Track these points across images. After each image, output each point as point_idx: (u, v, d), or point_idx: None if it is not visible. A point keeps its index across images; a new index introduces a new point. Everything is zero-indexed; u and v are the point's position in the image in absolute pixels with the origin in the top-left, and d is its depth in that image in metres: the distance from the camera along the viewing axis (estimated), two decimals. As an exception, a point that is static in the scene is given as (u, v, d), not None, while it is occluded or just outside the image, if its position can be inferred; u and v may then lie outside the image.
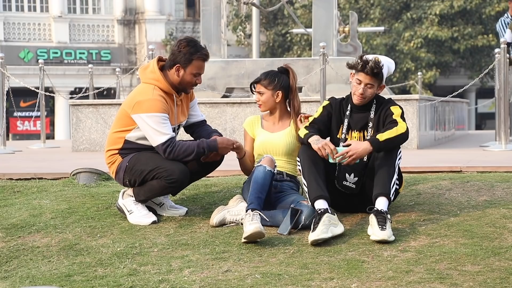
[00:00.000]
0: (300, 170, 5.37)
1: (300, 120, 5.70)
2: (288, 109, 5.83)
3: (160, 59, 5.64)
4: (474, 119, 35.02)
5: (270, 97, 5.76)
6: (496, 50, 11.09)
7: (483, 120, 36.58)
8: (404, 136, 5.29)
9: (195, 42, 5.60)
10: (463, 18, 30.81)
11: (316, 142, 5.26)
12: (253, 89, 5.83)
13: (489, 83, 30.96)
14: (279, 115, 5.82)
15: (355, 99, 5.41)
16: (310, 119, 5.54)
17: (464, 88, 12.44)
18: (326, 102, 5.54)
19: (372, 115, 5.43)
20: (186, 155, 5.48)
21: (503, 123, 10.78)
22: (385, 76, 5.42)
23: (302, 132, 5.44)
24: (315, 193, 5.20)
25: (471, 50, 31.28)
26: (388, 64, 5.47)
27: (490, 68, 11.84)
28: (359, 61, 5.37)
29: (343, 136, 5.46)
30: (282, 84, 5.75)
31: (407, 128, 5.31)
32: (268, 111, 5.84)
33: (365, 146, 5.22)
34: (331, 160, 5.23)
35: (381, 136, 5.25)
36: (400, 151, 5.36)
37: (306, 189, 5.28)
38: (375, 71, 5.33)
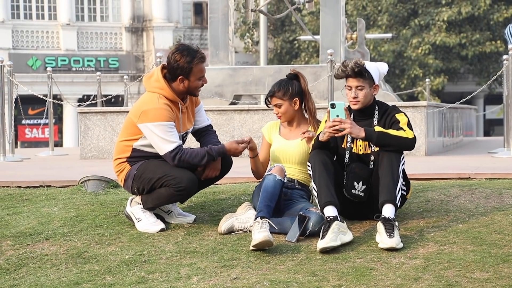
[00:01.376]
0: (310, 175, 5.37)
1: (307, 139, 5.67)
2: (305, 114, 5.82)
3: (164, 67, 5.63)
4: (482, 126, 34.98)
5: (289, 107, 5.72)
6: (504, 56, 11.08)
7: (491, 127, 36.53)
8: (408, 142, 5.24)
9: (187, 49, 5.52)
10: (471, 25, 30.79)
11: (322, 134, 5.29)
12: (268, 102, 5.79)
13: (497, 89, 30.90)
14: (297, 123, 5.79)
15: (352, 105, 5.42)
16: (318, 131, 5.52)
17: (472, 94, 12.42)
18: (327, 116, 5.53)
19: (375, 123, 5.40)
20: (194, 162, 5.49)
21: (511, 129, 10.76)
22: (376, 76, 5.40)
23: (311, 145, 5.48)
24: (325, 199, 5.19)
25: (479, 57, 31.25)
26: (377, 66, 5.48)
27: (498, 74, 11.82)
28: (341, 67, 5.41)
29: (348, 145, 5.45)
30: (296, 91, 5.72)
31: (414, 136, 5.28)
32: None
33: (360, 129, 5.22)
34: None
35: (378, 128, 5.25)
36: (403, 157, 5.33)
37: (316, 193, 5.27)
38: (356, 70, 5.34)
